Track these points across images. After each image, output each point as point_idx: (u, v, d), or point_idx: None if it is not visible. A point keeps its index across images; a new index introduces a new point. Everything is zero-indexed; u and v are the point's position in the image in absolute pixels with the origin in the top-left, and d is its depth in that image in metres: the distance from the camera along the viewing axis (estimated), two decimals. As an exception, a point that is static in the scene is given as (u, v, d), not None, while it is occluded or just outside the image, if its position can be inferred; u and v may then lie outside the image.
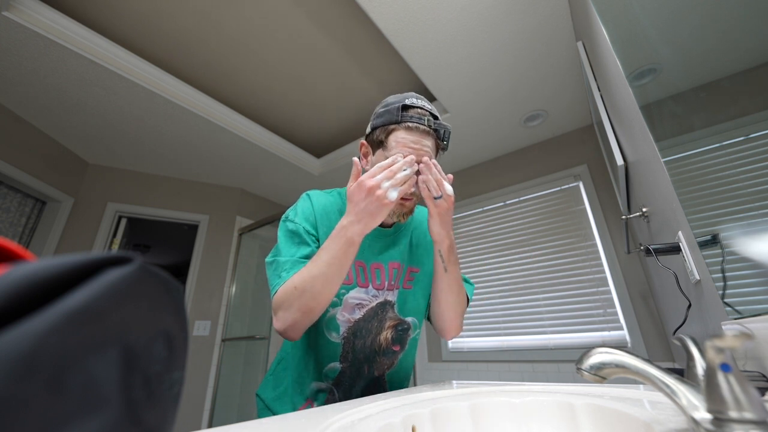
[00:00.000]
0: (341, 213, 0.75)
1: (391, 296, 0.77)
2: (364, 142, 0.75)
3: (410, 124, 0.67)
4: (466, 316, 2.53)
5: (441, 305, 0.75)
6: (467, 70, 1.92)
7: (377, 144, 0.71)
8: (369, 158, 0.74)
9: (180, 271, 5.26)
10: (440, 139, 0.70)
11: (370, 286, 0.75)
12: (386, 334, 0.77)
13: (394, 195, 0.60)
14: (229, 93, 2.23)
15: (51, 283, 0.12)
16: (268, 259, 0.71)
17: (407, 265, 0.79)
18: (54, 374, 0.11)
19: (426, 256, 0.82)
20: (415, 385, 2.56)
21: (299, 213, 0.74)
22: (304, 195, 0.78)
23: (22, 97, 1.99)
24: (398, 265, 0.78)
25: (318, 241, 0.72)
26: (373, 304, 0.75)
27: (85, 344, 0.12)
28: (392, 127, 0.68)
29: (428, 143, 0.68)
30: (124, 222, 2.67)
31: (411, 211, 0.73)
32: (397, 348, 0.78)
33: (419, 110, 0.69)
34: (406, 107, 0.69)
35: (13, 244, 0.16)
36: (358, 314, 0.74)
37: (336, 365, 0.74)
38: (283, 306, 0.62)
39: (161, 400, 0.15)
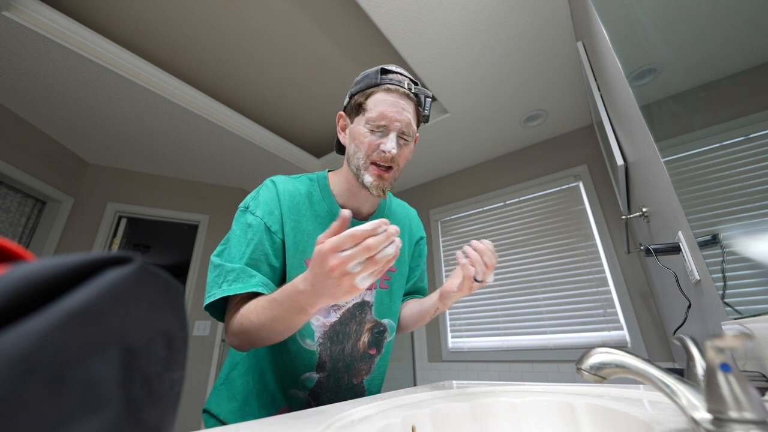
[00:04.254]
0: (310, 199, 0.71)
1: (369, 296, 0.74)
2: (342, 113, 0.71)
3: (390, 86, 0.65)
4: (467, 316, 2.54)
5: (413, 324, 0.83)
6: (467, 70, 1.92)
7: (356, 109, 0.67)
8: (347, 130, 0.70)
9: (180, 271, 5.25)
10: (421, 107, 0.68)
11: None
12: (364, 338, 0.74)
13: (365, 283, 0.44)
14: (230, 93, 2.23)
15: (51, 283, 0.12)
16: (213, 256, 0.65)
17: None
18: (54, 374, 0.11)
19: (403, 257, 0.80)
20: (415, 385, 2.56)
21: (261, 204, 0.67)
22: (267, 182, 0.71)
23: (22, 97, 1.99)
24: None
25: (283, 240, 0.66)
26: (350, 305, 0.71)
27: (85, 344, 0.12)
28: (371, 90, 0.66)
29: (409, 107, 0.65)
30: (124, 222, 2.67)
31: (391, 184, 0.67)
32: (373, 351, 0.76)
33: (399, 75, 0.67)
34: (385, 71, 0.67)
35: (13, 244, 0.16)
36: (334, 317, 0.70)
37: (312, 375, 0.69)
38: (230, 330, 0.59)
39: (161, 399, 0.15)
